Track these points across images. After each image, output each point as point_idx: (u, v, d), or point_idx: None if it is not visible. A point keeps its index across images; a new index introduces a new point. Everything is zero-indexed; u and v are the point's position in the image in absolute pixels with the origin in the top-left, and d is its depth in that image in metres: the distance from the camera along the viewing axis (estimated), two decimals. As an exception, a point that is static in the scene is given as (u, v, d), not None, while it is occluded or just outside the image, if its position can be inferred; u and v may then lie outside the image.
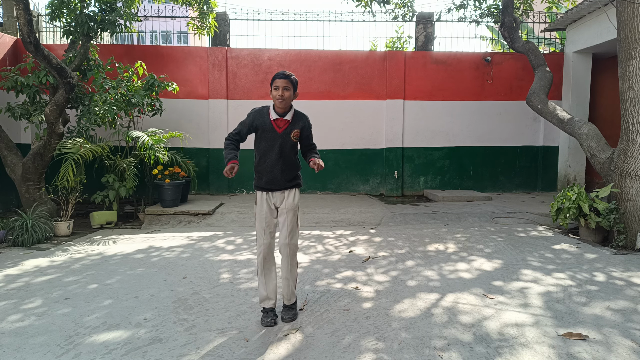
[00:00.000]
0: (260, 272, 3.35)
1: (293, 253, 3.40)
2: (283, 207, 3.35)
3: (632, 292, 3.92)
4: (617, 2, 5.53)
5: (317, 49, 9.32)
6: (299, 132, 3.33)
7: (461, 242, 5.75)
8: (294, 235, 3.37)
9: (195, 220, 7.04)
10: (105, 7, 6.89)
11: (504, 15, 8.25)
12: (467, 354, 2.84)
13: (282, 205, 3.35)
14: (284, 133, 3.30)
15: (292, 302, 3.43)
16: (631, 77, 5.39)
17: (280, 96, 3.19)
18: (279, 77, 3.21)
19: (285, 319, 3.35)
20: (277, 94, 3.20)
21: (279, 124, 3.29)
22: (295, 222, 3.38)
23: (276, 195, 3.37)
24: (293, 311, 3.41)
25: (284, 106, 3.25)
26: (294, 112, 3.34)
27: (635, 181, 5.41)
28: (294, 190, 3.39)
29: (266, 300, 3.35)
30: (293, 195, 3.38)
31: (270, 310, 3.35)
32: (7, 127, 7.04)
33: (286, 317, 3.36)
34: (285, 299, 3.43)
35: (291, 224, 3.34)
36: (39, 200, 6.48)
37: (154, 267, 4.73)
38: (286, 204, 3.35)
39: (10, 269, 4.70)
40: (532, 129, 9.63)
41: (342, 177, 9.42)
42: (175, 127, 8.58)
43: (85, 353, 2.87)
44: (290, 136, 3.31)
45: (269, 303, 3.35)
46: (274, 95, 3.22)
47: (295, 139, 3.34)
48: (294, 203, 3.37)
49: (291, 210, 3.35)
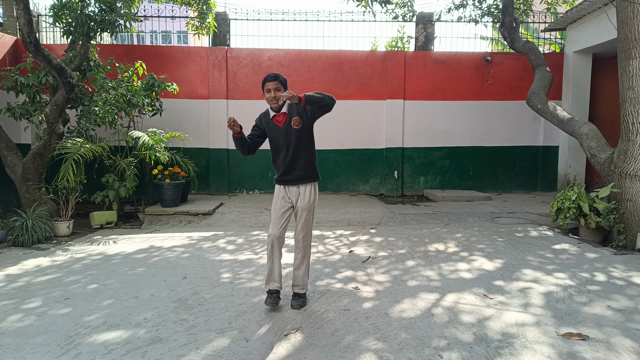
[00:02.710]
0: (268, 259, 3.54)
1: (307, 245, 3.59)
2: (299, 206, 3.52)
3: (632, 292, 3.92)
4: (617, 2, 5.52)
5: (317, 49, 9.32)
6: (298, 118, 3.45)
7: (461, 242, 5.75)
8: (307, 233, 3.55)
9: (195, 220, 7.04)
10: (105, 7, 6.89)
11: (504, 15, 8.25)
12: (467, 354, 2.84)
13: (298, 203, 3.52)
14: (285, 125, 3.47)
15: (302, 292, 3.61)
16: (631, 77, 5.39)
17: (274, 97, 3.39)
18: (269, 80, 3.40)
19: (294, 305, 3.53)
20: (270, 95, 3.40)
21: (278, 119, 3.49)
22: (310, 221, 3.56)
23: (292, 190, 3.52)
24: (302, 299, 3.58)
25: (278, 105, 3.45)
26: (288, 103, 3.49)
27: (635, 181, 5.41)
28: (309, 185, 3.52)
29: (271, 282, 3.54)
30: (309, 192, 3.51)
31: (275, 291, 3.51)
32: (7, 127, 7.04)
33: (295, 304, 3.54)
34: (296, 288, 3.61)
35: (306, 222, 3.52)
36: (39, 200, 6.48)
37: (154, 267, 4.73)
38: (302, 203, 3.50)
39: (10, 268, 4.70)
40: (532, 129, 9.63)
41: (342, 177, 9.42)
42: (175, 127, 8.58)
43: (85, 353, 2.87)
44: (292, 125, 3.44)
45: (273, 285, 3.53)
46: (267, 97, 3.42)
47: (297, 125, 3.44)
48: (309, 203, 3.51)
49: (306, 210, 3.51)
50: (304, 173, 3.51)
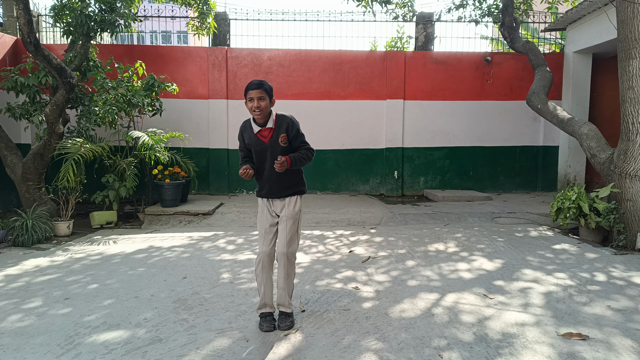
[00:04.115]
0: (258, 280, 3.28)
1: (290, 262, 3.26)
2: (283, 215, 3.25)
3: (632, 292, 3.92)
4: (617, 2, 5.52)
5: (317, 49, 9.32)
6: (285, 136, 3.19)
7: (461, 242, 5.75)
8: (292, 244, 3.25)
9: (195, 220, 7.04)
10: (105, 7, 6.89)
11: (504, 15, 8.25)
12: (467, 354, 2.84)
13: (283, 212, 3.26)
14: (271, 141, 3.18)
15: (288, 311, 3.31)
16: (631, 77, 5.39)
17: (257, 107, 3.07)
18: (252, 87, 3.08)
19: (282, 327, 3.22)
20: (253, 105, 3.08)
21: (263, 134, 3.19)
22: (295, 231, 3.27)
23: (276, 203, 3.28)
24: (290, 319, 3.27)
25: (262, 116, 3.14)
26: (275, 117, 3.21)
27: (635, 181, 5.41)
28: (295, 197, 3.28)
29: (264, 306, 3.29)
30: (294, 202, 3.27)
31: (269, 314, 3.28)
32: (7, 127, 7.04)
33: (282, 325, 3.23)
34: (282, 307, 3.30)
35: (290, 232, 3.23)
36: (39, 200, 6.48)
37: (154, 267, 4.73)
38: (286, 212, 3.25)
39: (10, 268, 4.70)
40: (532, 129, 9.63)
41: (342, 177, 9.41)
42: (175, 127, 8.58)
43: (85, 353, 2.87)
44: (279, 142, 3.18)
45: (267, 309, 3.30)
46: (249, 107, 3.10)
47: (284, 143, 3.20)
48: (294, 211, 3.25)
49: (291, 218, 3.23)
50: (290, 188, 3.27)
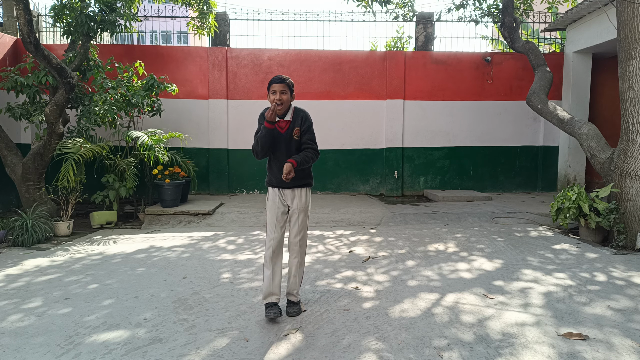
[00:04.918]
0: (267, 266, 3.42)
1: (303, 251, 3.51)
2: (295, 208, 3.43)
3: (632, 292, 3.92)
4: (617, 2, 5.52)
5: (317, 49, 9.32)
6: (299, 130, 3.38)
7: (461, 242, 5.75)
8: (304, 235, 3.47)
9: (195, 220, 7.04)
10: (105, 7, 6.89)
11: (504, 15, 8.25)
12: (467, 354, 2.84)
13: (294, 205, 3.43)
14: (287, 133, 3.37)
15: (297, 300, 3.53)
16: (631, 77, 5.39)
17: (279, 100, 3.26)
18: (276, 81, 3.28)
19: (291, 313, 3.43)
20: (275, 98, 3.26)
21: (281, 125, 3.36)
22: (306, 223, 3.49)
23: (287, 193, 3.43)
24: (297, 306, 3.51)
25: (283, 109, 3.31)
26: (293, 110, 3.41)
27: (635, 181, 5.41)
28: (304, 189, 3.46)
29: (270, 295, 3.41)
30: (305, 195, 3.45)
31: (274, 304, 3.41)
32: (7, 127, 7.04)
33: (291, 311, 3.45)
34: (291, 296, 3.52)
35: (302, 224, 3.45)
36: (39, 200, 6.48)
37: (154, 267, 4.73)
38: (298, 205, 3.43)
39: (10, 268, 4.70)
40: (532, 129, 9.63)
41: (342, 177, 9.42)
42: (175, 127, 8.58)
43: (85, 353, 2.87)
44: (293, 135, 3.37)
45: (273, 298, 3.41)
46: (272, 99, 3.27)
47: (297, 137, 3.38)
48: (305, 204, 3.45)
49: (302, 211, 3.44)
50: (299, 180, 3.40)
